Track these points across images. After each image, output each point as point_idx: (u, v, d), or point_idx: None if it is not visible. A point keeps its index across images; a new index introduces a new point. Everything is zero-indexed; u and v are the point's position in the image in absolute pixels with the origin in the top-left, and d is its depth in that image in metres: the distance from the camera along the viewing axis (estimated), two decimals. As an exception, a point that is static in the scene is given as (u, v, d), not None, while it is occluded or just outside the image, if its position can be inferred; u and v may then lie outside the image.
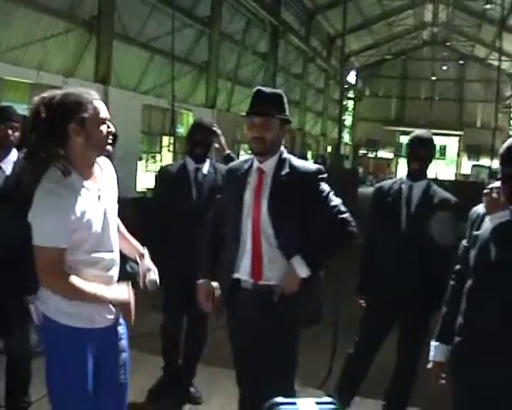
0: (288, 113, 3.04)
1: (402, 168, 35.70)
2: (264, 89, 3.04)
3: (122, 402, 2.88)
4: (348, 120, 39.02)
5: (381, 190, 3.95)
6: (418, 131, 3.89)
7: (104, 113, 2.51)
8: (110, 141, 2.53)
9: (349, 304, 4.21)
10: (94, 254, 2.57)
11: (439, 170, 33.14)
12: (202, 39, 16.84)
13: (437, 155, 24.18)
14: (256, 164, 3.04)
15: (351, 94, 38.55)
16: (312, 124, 31.65)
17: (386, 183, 3.99)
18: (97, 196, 2.56)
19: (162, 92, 15.02)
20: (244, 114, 3.08)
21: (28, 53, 10.25)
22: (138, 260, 2.89)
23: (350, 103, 39.12)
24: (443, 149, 37.17)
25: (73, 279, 2.47)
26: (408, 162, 3.82)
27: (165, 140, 15.40)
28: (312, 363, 4.92)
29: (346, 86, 34.43)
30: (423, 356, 3.66)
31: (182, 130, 16.33)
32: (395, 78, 38.09)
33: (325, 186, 2.98)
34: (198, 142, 4.25)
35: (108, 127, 2.52)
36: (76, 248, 2.51)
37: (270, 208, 2.93)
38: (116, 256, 2.72)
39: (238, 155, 19.17)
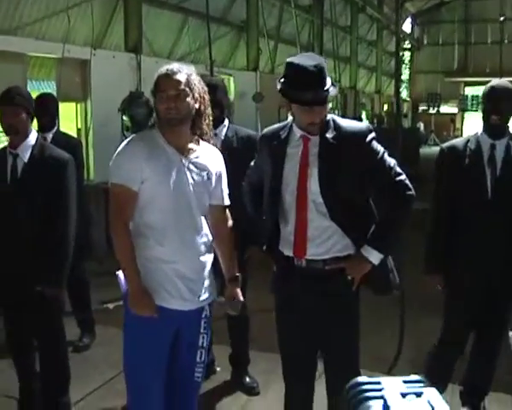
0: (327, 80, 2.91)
1: (468, 124, 34.83)
2: (307, 65, 2.84)
3: (191, 401, 3.04)
4: (405, 73, 38.21)
5: (454, 150, 3.68)
6: (496, 81, 3.65)
7: (166, 85, 2.81)
8: (171, 115, 2.80)
9: (412, 277, 4.09)
10: (166, 220, 2.79)
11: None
12: (239, -4, 16.62)
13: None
14: (298, 132, 2.99)
15: (407, 44, 37.68)
16: (365, 81, 31.10)
17: (459, 141, 3.74)
18: (180, 164, 2.81)
19: (199, 57, 14.88)
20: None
21: (51, 25, 10.21)
22: (227, 284, 3.09)
23: (406, 55, 38.28)
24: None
25: (125, 234, 2.76)
26: (486, 117, 3.58)
27: (206, 109, 15.31)
28: (377, 345, 4.82)
29: (401, 36, 33.69)
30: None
31: (223, 97, 16.22)
32: (457, 22, 36.85)
33: (378, 146, 2.93)
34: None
35: (170, 103, 2.79)
36: (146, 207, 2.79)
37: (321, 175, 2.89)
38: (203, 239, 2.88)
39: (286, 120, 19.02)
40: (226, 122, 4.31)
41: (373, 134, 2.95)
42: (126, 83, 10.47)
